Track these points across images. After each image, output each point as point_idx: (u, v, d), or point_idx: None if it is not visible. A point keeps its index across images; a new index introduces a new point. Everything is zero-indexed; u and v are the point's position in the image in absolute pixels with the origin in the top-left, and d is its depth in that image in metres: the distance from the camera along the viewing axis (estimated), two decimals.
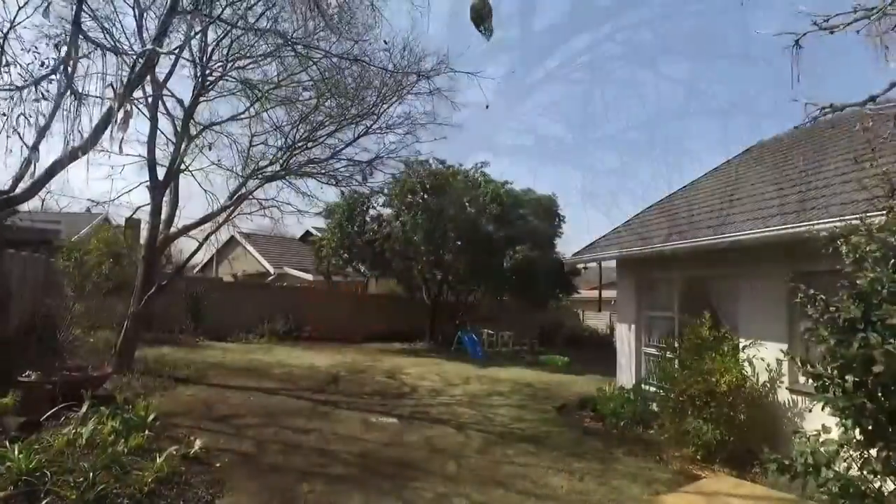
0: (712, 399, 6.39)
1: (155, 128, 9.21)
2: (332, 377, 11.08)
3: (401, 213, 18.66)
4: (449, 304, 21.59)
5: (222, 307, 17.61)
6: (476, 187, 19.23)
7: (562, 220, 21.12)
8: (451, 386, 11.42)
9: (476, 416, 8.74)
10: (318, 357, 14.14)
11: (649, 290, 10.04)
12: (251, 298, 19.13)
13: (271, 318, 18.50)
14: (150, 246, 9.25)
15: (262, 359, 12.82)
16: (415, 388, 10.73)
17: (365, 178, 11.66)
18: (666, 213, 10.15)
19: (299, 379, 10.50)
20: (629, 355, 10.26)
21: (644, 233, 9.59)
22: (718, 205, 8.46)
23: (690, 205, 9.65)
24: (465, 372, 13.82)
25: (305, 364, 12.59)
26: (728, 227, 7.14)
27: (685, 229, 8.01)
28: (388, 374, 12.17)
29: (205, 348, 13.83)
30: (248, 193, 10.18)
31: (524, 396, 10.97)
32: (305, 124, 10.30)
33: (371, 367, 13.10)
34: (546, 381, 13.30)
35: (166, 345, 13.49)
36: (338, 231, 18.91)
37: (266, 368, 11.35)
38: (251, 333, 17.61)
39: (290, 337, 18.04)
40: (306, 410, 7.90)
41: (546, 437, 7.64)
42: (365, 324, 20.74)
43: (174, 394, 8.00)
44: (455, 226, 18.01)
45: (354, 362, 13.88)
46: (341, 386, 10.32)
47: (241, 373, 10.50)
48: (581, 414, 9.51)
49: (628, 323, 10.31)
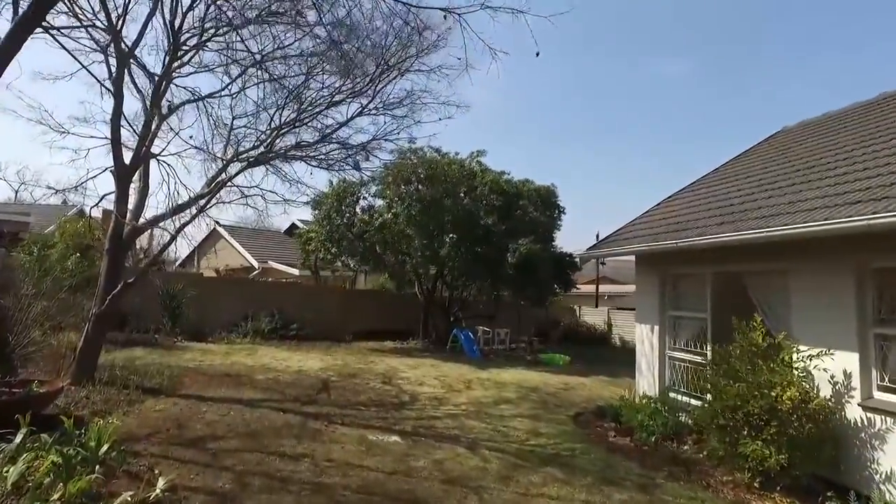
0: (772, 417, 5.45)
1: (119, 103, 8.05)
2: (323, 384, 10.02)
3: (393, 204, 17.60)
4: (443, 301, 20.57)
5: (203, 304, 16.45)
6: (473, 177, 18.20)
7: (562, 212, 20.18)
8: (453, 392, 10.42)
9: (487, 430, 7.75)
10: (305, 359, 13.07)
11: (674, 287, 9.11)
12: (234, 295, 17.99)
13: (255, 315, 17.39)
14: (114, 238, 8.11)
15: (245, 362, 11.71)
16: (415, 396, 9.71)
17: (358, 164, 10.56)
18: (699, 200, 9.18)
19: (286, 386, 9.43)
20: (651, 359, 9.33)
21: (674, 223, 8.63)
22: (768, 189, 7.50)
23: (728, 191, 8.69)
24: (465, 374, 12.84)
25: (292, 368, 11.51)
26: (791, 216, 6.16)
27: (730, 219, 7.04)
28: (383, 379, 11.13)
29: (182, 350, 12.68)
30: (227, 180, 9.06)
31: (534, 404, 10.01)
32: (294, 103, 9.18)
33: (364, 371, 12.05)
34: (553, 385, 12.36)
35: (140, 346, 12.34)
36: (326, 223, 17.77)
37: (249, 374, 10.25)
38: (234, 332, 16.48)
39: (276, 336, 16.93)
40: (295, 428, 6.84)
41: (572, 458, 6.67)
42: (355, 321, 19.68)
43: (141, 409, 6.89)
44: (451, 218, 16.97)
45: (346, 365, 12.83)
46: (333, 394, 9.26)
47: (220, 380, 9.39)
48: (602, 425, 8.56)
49: (650, 324, 9.38)
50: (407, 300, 21.21)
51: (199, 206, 8.52)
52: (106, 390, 7.40)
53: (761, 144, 11.14)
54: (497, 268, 17.29)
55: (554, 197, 19.79)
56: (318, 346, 16.28)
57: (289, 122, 9.05)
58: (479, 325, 20.19)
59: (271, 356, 13.05)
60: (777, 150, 9.85)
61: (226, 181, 8.93)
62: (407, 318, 20.55)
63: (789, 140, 10.08)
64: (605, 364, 17.61)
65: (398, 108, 9.25)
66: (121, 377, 8.22)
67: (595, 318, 26.26)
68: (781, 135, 11.11)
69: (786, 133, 10.97)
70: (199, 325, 15.62)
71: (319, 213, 17.99)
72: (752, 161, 10.08)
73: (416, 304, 20.47)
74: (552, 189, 19.76)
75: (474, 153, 18.95)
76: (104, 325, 8.20)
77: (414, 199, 16.93)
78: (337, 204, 17.65)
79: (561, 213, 20.15)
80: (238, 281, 22.01)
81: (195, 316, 15.73)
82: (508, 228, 17.20)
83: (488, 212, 17.30)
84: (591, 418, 9.12)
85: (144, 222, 8.69)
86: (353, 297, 22.47)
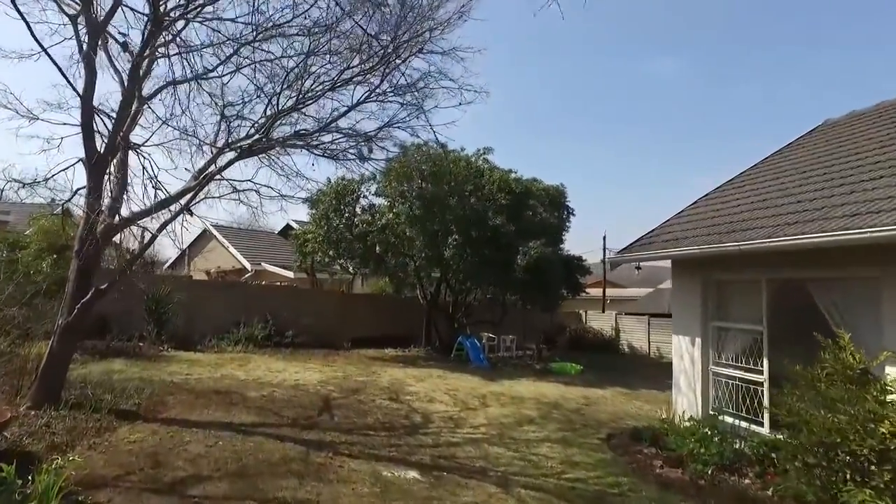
0: (883, 460, 4.46)
1: (91, 81, 6.98)
2: (324, 402, 8.97)
3: (395, 204, 16.57)
4: (446, 306, 19.53)
5: (192, 309, 15.35)
6: (480, 175, 17.20)
7: (571, 213, 19.25)
8: (469, 410, 9.39)
9: (516, 459, 6.73)
10: (303, 370, 12.00)
11: (719, 294, 8.13)
12: (225, 299, 16.87)
13: (248, 321, 16.27)
14: (85, 238, 7.02)
15: (237, 375, 10.63)
16: (427, 416, 8.67)
17: (363, 156, 9.50)
18: (749, 198, 8.21)
19: (282, 406, 8.36)
20: (692, 375, 8.34)
21: (724, 224, 7.65)
22: (844, 184, 6.52)
23: (786, 186, 7.72)
24: (476, 388, 11.82)
25: (289, 381, 10.44)
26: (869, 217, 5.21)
27: (807, 217, 6.05)
28: (390, 395, 10.08)
29: (168, 360, 11.58)
30: (217, 171, 7.99)
31: (559, 423, 9.00)
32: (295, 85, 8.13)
33: (368, 384, 11.00)
34: (573, 399, 11.37)
35: (122, 357, 11.24)
36: (324, 223, 16.71)
37: (241, 389, 9.18)
38: (225, 340, 15.35)
39: (270, 343, 15.83)
40: (295, 461, 5.79)
41: (622, 498, 5.66)
42: (353, 327, 18.60)
43: (112, 440, 5.82)
44: (457, 218, 15.97)
45: (347, 377, 11.77)
46: (336, 415, 8.21)
47: (208, 398, 8.31)
48: (641, 451, 7.55)
49: (690, 335, 8.39)
50: (408, 305, 20.19)
51: (184, 201, 7.45)
52: (72, 415, 6.31)
53: (805, 138, 10.20)
54: (505, 271, 16.29)
55: (563, 197, 18.87)
56: (315, 354, 15.22)
57: (287, 108, 7.98)
58: (483, 332, 19.20)
59: (265, 367, 11.97)
60: (832, 143, 8.90)
61: (215, 173, 7.87)
62: (408, 323, 19.51)
63: (844, 132, 9.14)
64: (619, 374, 16.68)
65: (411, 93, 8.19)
66: (93, 397, 7.15)
67: (602, 323, 25.30)
68: (826, 128, 10.18)
69: (833, 126, 10.04)
70: (188, 332, 14.52)
71: (316, 213, 16.93)
72: (799, 154, 9.15)
73: (418, 309, 19.44)
74: (561, 189, 18.83)
75: (481, 150, 17.97)
76: (72, 338, 7.10)
77: (416, 198, 15.93)
78: (335, 203, 16.61)
79: (570, 215, 19.26)
80: (230, 284, 20.88)
81: (183, 322, 14.64)
82: (518, 230, 16.20)
83: (496, 212, 16.30)
84: (627, 442, 8.11)
85: (122, 220, 7.60)
86: (352, 301, 21.40)
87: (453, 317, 19.34)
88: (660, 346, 22.79)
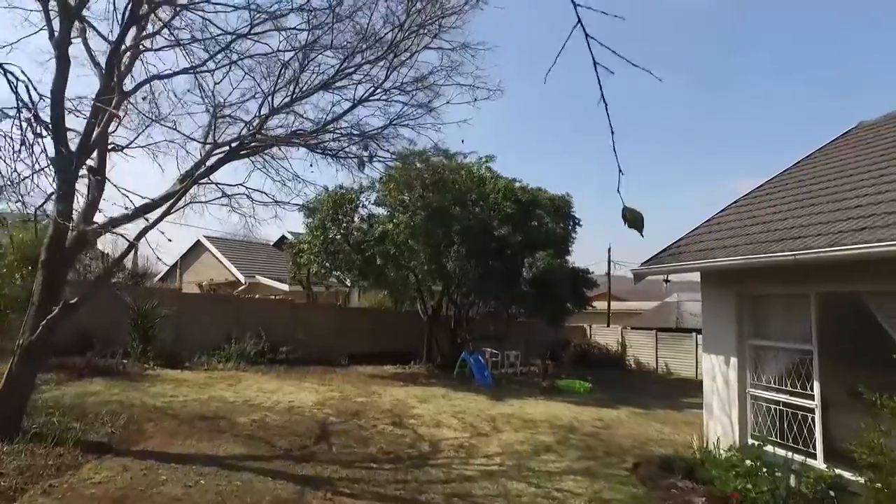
0: None
1: (63, 74, 6.24)
2: (321, 428, 8.15)
3: (396, 213, 15.84)
4: (448, 320, 18.72)
5: (181, 324, 14.52)
6: (483, 183, 16.50)
7: (577, 224, 18.51)
8: (480, 437, 8.58)
9: (540, 497, 5.92)
10: (298, 390, 11.17)
11: (756, 310, 7.38)
12: (217, 313, 16.05)
13: (240, 336, 15.43)
14: (53, 247, 6.25)
15: (226, 396, 9.79)
16: (436, 445, 7.85)
17: (365, 158, 8.77)
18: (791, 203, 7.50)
19: (275, 433, 7.53)
20: (726, 398, 7.56)
21: (766, 231, 6.94)
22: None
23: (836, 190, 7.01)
24: (484, 409, 11.02)
25: (282, 403, 9.61)
26: None
27: (878, 223, 5.33)
28: (392, 419, 9.27)
29: (152, 380, 10.74)
30: (205, 173, 7.24)
31: (579, 451, 8.20)
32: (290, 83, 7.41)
33: (368, 406, 10.18)
34: (587, 422, 10.59)
35: (102, 375, 10.41)
36: (320, 233, 15.95)
37: (229, 414, 8.35)
38: (215, 356, 14.51)
39: (263, 360, 14.98)
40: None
41: None
42: (351, 342, 17.77)
43: (72, 481, 4.98)
44: (460, 228, 15.24)
45: (345, 397, 10.96)
46: (335, 443, 7.39)
47: (192, 425, 7.48)
48: (676, 485, 6.75)
49: (724, 354, 7.63)
50: (408, 319, 19.40)
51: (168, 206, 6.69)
52: (30, 450, 5.47)
53: (838, 142, 9.53)
54: (511, 284, 15.54)
55: (569, 207, 18.13)
56: (310, 372, 14.39)
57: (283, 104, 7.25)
58: (485, 347, 18.41)
59: (258, 387, 11.14)
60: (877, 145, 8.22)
61: (203, 175, 7.12)
62: (408, 339, 18.69)
63: (888, 133, 8.47)
64: (630, 392, 15.90)
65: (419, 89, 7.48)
66: (59, 426, 6.33)
67: (607, 337, 24.52)
68: (862, 130, 9.52)
69: (871, 127, 9.38)
70: (175, 348, 13.66)
71: (313, 222, 16.17)
72: (839, 158, 8.48)
73: (418, 324, 18.64)
74: (567, 198, 18.10)
75: (483, 158, 17.30)
76: (36, 359, 6.28)
77: (418, 208, 15.21)
78: (333, 212, 15.88)
79: (576, 225, 18.51)
80: (222, 298, 20.05)
81: (171, 338, 13.79)
82: (524, 240, 15.48)
83: (502, 221, 15.59)
84: (657, 472, 7.31)
85: (97, 226, 6.84)
86: (349, 315, 20.61)
87: (455, 332, 18.54)
88: (668, 362, 22.04)
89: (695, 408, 14.11)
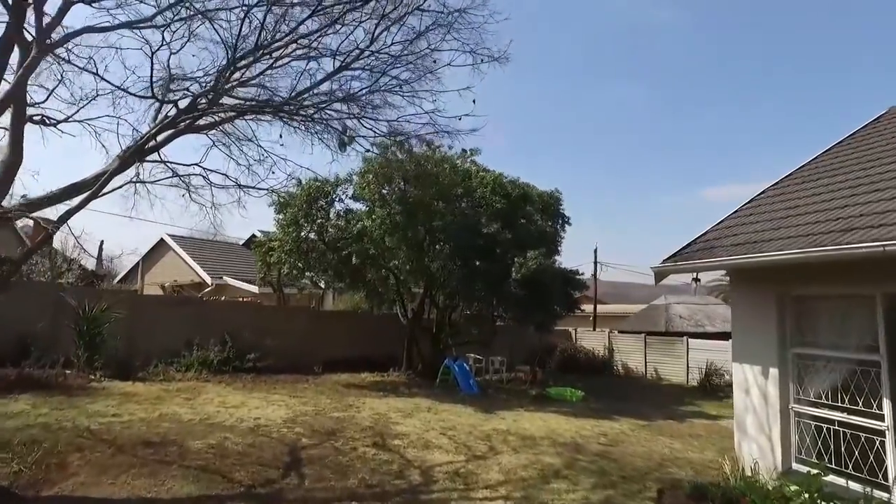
0: None
1: None
2: (291, 453, 6.88)
3: (374, 209, 14.61)
4: (430, 324, 17.51)
5: (136, 329, 13.10)
6: (468, 177, 15.39)
7: (566, 222, 17.50)
8: (476, 460, 7.40)
9: None
10: (265, 404, 9.86)
11: (803, 314, 6.39)
12: (178, 317, 14.58)
13: (203, 342, 14.01)
14: None
15: (180, 414, 8.43)
16: (427, 472, 6.65)
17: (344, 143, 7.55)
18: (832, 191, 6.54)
19: (235, 462, 6.23)
20: (764, 415, 6.55)
21: (808, 223, 5.95)
22: None
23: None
24: (475, 424, 9.87)
25: (247, 422, 8.30)
26: None
27: None
28: (374, 438, 8.03)
29: (95, 394, 9.31)
30: (153, 148, 5.94)
31: (592, 475, 7.09)
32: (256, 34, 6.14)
33: (346, 423, 8.93)
34: (591, 437, 9.54)
35: (35, 389, 8.99)
36: (292, 230, 14.61)
37: (181, 437, 7.01)
38: (174, 365, 13.09)
39: (228, 368, 13.63)
40: None
41: None
42: (325, 349, 16.40)
43: None
44: (445, 225, 14.09)
45: (319, 412, 9.69)
46: (307, 473, 6.14)
47: (133, 452, 6.14)
48: None
49: (761, 364, 6.62)
50: (386, 323, 18.13)
51: (97, 187, 5.38)
52: None
53: (868, 128, 8.66)
54: (499, 285, 14.41)
55: (558, 204, 17.12)
56: (280, 381, 13.06)
57: (245, 63, 5.99)
58: (469, 353, 17.25)
59: (219, 401, 9.79)
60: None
61: (146, 146, 5.81)
62: (386, 344, 17.37)
63: None
64: (624, 400, 14.94)
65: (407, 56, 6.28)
66: None
67: (593, 342, 23.60)
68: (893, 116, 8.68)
69: None
70: (128, 356, 12.20)
71: (284, 218, 14.80)
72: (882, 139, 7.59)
73: (398, 328, 17.38)
74: (556, 195, 17.09)
75: (467, 152, 16.11)
76: None
77: (398, 202, 14.00)
78: (306, 207, 14.54)
79: (566, 223, 17.50)
80: (184, 300, 18.48)
81: (124, 345, 12.32)
82: (514, 238, 14.40)
83: (490, 218, 14.48)
84: (683, 502, 6.26)
85: (12, 208, 5.49)
86: (323, 319, 19.26)
87: (438, 337, 17.32)
88: (657, 367, 21.21)
89: (695, 417, 13.24)
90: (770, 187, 7.98)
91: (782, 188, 7.70)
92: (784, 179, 8.03)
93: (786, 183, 7.87)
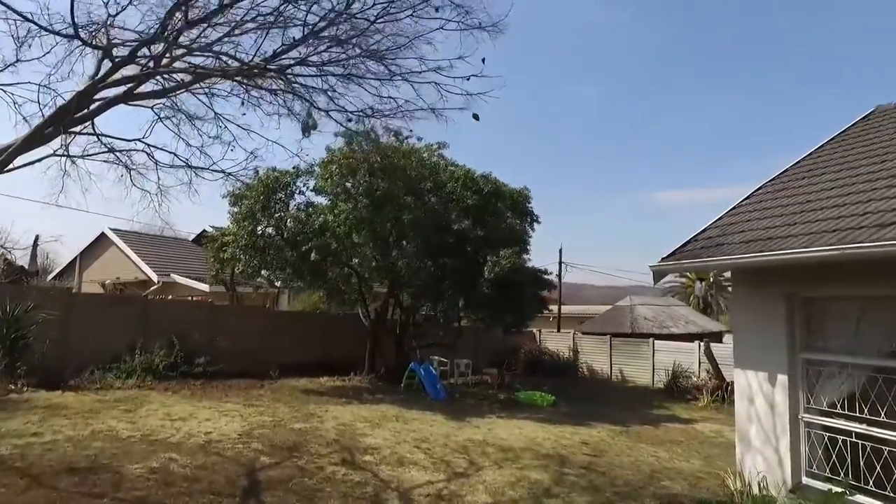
0: None
1: None
2: (248, 476, 5.97)
3: (337, 202, 13.70)
4: (394, 326, 16.68)
5: (69, 332, 11.85)
6: (437, 171, 14.64)
7: (535, 221, 16.94)
8: (457, 478, 6.66)
9: None
10: (216, 415, 8.86)
11: (815, 316, 5.94)
12: (119, 317, 13.36)
13: (147, 345, 12.82)
14: None
15: (117, 430, 7.37)
16: (406, 496, 5.86)
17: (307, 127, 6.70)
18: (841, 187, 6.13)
19: (182, 490, 5.29)
20: (771, 425, 6.07)
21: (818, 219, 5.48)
22: None
23: None
24: (449, 433, 9.16)
25: (196, 437, 7.32)
26: None
27: None
28: (342, 454, 7.19)
29: (14, 408, 8.13)
30: (81, 117, 4.95)
31: (585, 493, 6.45)
32: None
33: (309, 435, 8.05)
34: (574, 448, 8.95)
35: None
36: (248, 223, 13.53)
37: (117, 460, 6.00)
38: (113, 371, 11.84)
39: (176, 374, 12.50)
40: None
41: None
42: (282, 351, 15.38)
43: None
44: (413, 220, 13.30)
45: (278, 423, 8.77)
46: (268, 502, 5.27)
47: (54, 483, 5.13)
48: None
49: (767, 371, 6.14)
50: (346, 324, 17.17)
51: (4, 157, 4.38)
52: None
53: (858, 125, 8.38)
54: (471, 285, 13.74)
55: (527, 202, 16.51)
56: (233, 388, 12.03)
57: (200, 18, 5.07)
58: (433, 356, 16.51)
59: (164, 412, 8.74)
60: None
61: (75, 115, 4.83)
62: (347, 346, 16.44)
63: None
64: (595, 404, 14.51)
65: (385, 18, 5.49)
66: None
67: (558, 343, 23.20)
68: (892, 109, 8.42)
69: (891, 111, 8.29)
70: (59, 362, 10.92)
71: (240, 211, 13.70)
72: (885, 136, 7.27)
73: (360, 330, 16.46)
74: (525, 192, 16.49)
75: (434, 145, 15.33)
76: None
77: (364, 195, 13.13)
78: (264, 199, 13.48)
79: (534, 222, 16.91)
80: (127, 299, 17.10)
81: (54, 349, 11.01)
82: (485, 236, 13.74)
83: (460, 214, 13.78)
84: None
85: None
86: (280, 320, 18.15)
87: (402, 338, 16.50)
88: (623, 369, 20.97)
89: (669, 421, 12.89)
90: (767, 183, 7.55)
91: (782, 184, 7.27)
92: (781, 175, 7.62)
93: (784, 178, 7.46)
